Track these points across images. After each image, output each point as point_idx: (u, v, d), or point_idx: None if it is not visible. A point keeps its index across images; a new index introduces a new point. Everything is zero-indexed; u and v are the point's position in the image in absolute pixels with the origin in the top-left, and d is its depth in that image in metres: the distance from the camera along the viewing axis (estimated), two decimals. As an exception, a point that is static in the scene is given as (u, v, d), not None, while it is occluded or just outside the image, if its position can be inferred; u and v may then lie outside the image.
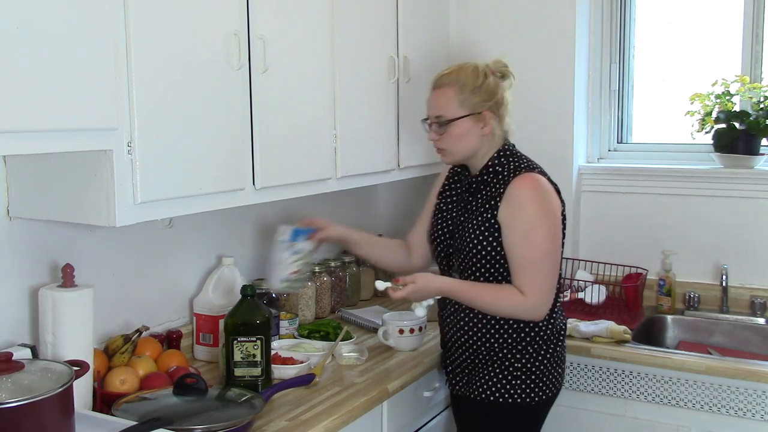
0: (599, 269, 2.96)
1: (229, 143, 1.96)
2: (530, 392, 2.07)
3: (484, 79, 2.07)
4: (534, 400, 2.07)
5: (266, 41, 2.03)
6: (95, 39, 1.58)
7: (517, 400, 2.06)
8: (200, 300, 2.35)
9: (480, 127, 2.07)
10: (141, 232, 2.17)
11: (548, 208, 2.02)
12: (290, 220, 2.79)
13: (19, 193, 1.83)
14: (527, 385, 2.07)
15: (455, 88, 2.06)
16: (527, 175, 2.03)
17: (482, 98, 2.06)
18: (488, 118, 2.06)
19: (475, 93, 2.06)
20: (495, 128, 2.08)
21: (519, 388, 2.06)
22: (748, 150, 2.79)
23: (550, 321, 2.10)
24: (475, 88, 2.06)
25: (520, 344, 2.06)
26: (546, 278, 2.02)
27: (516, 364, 2.06)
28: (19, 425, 1.40)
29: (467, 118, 2.06)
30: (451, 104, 2.06)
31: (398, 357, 2.32)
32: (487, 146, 2.10)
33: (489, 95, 2.07)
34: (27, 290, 1.90)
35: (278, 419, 1.85)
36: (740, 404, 2.30)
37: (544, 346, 2.08)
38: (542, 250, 1.99)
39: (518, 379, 2.06)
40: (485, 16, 3.06)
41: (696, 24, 3.07)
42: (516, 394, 2.06)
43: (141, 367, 1.96)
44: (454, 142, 2.09)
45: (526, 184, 2.02)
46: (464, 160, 2.14)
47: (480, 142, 2.08)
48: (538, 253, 1.99)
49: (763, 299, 2.77)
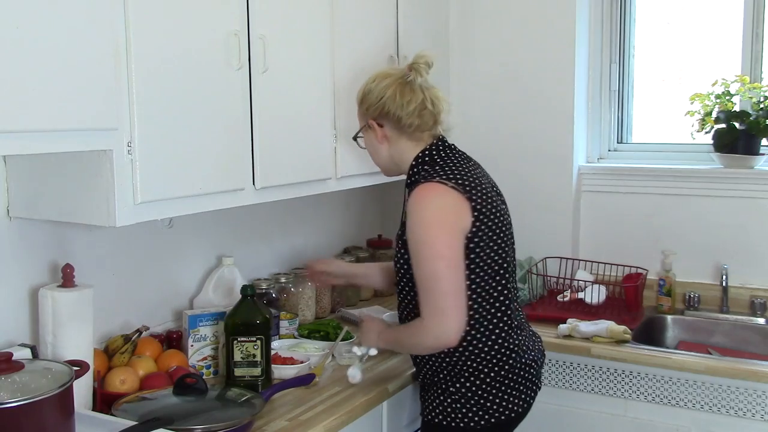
0: (599, 269, 2.96)
1: (229, 143, 1.96)
2: (473, 416, 1.91)
3: (371, 87, 1.98)
4: (479, 425, 1.91)
5: (266, 41, 2.03)
6: (95, 39, 1.58)
7: (459, 425, 1.91)
8: (200, 300, 2.35)
9: (374, 136, 2.00)
10: (141, 232, 2.17)
11: (437, 225, 1.82)
12: (291, 220, 2.80)
13: (19, 193, 1.83)
14: (468, 409, 1.91)
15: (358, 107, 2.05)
16: (421, 186, 1.88)
17: (366, 107, 1.99)
18: (374, 126, 1.98)
19: (361, 104, 2.01)
20: (391, 133, 1.97)
21: (460, 412, 1.91)
22: (748, 150, 2.79)
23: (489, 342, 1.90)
24: (361, 100, 2.01)
25: (456, 367, 1.92)
26: (439, 299, 1.81)
27: (451, 387, 1.93)
28: (19, 425, 1.40)
29: (362, 132, 2.05)
30: (358, 120, 2.07)
31: (398, 357, 2.31)
32: (399, 153, 1.99)
33: (373, 102, 1.96)
34: (27, 290, 1.90)
35: (278, 419, 1.85)
36: (740, 404, 2.30)
37: (485, 368, 1.91)
38: (429, 270, 1.81)
39: (457, 402, 1.92)
40: (485, 16, 3.06)
41: (696, 24, 3.07)
42: (458, 419, 1.92)
43: (141, 367, 1.96)
44: (371, 156, 2.08)
45: (416, 198, 1.86)
46: (392, 171, 2.06)
47: (385, 151, 2.01)
48: (426, 273, 1.82)
49: (763, 299, 2.77)
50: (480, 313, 1.90)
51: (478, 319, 1.90)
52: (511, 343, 1.93)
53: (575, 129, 2.98)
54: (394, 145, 1.99)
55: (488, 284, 1.89)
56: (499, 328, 1.92)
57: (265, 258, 2.69)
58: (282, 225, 2.77)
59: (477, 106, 3.10)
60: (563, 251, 3.00)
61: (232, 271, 2.39)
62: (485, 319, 1.90)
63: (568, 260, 2.97)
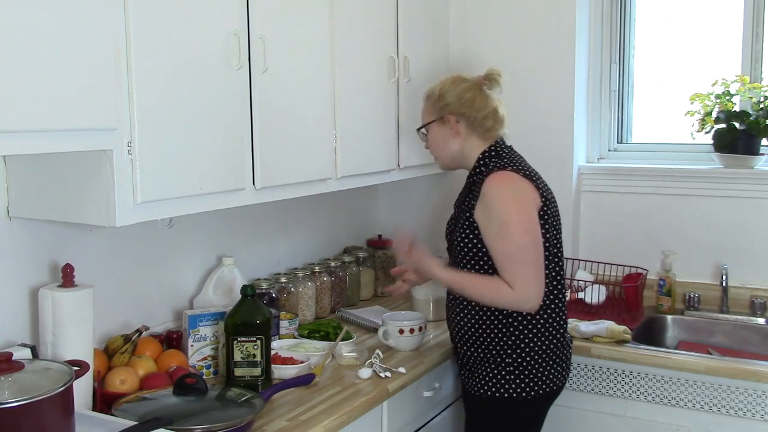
0: (599, 269, 2.96)
1: (229, 143, 1.96)
2: (525, 387, 2.10)
3: (451, 85, 2.20)
4: (530, 395, 2.10)
5: (266, 41, 2.03)
6: (95, 39, 1.58)
7: (512, 395, 2.10)
8: (200, 300, 2.35)
9: (448, 130, 2.19)
10: (141, 232, 2.17)
11: (519, 204, 2.06)
12: (291, 220, 2.80)
13: (19, 193, 1.83)
14: (521, 380, 2.10)
15: (427, 98, 2.26)
16: (498, 173, 2.10)
17: (446, 102, 2.19)
18: (452, 120, 2.18)
19: (440, 99, 2.20)
20: (464, 130, 2.18)
21: (514, 383, 2.10)
22: (748, 150, 2.79)
23: (545, 316, 2.12)
24: (440, 95, 2.20)
25: (510, 338, 2.10)
26: (529, 269, 2.04)
27: (507, 359, 2.11)
28: (19, 425, 1.40)
29: (434, 123, 2.23)
30: (426, 113, 2.27)
31: (398, 357, 2.32)
32: (469, 148, 2.19)
33: (453, 98, 2.18)
34: (27, 290, 1.90)
35: (278, 419, 1.85)
36: (740, 404, 2.30)
37: (538, 341, 2.11)
38: (517, 243, 2.03)
39: (511, 374, 2.10)
40: (485, 16, 3.06)
41: (696, 24, 3.07)
42: (511, 389, 2.10)
43: (141, 367, 1.96)
44: (434, 148, 2.27)
45: (495, 182, 2.08)
46: (452, 163, 2.26)
47: (456, 145, 2.20)
48: (514, 246, 2.03)
49: (763, 299, 2.77)
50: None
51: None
52: (562, 320, 2.17)
53: (575, 129, 2.98)
54: (465, 141, 2.19)
55: (551, 262, 2.13)
56: (555, 304, 2.15)
57: (265, 258, 2.69)
58: (282, 225, 2.77)
59: (477, 106, 3.09)
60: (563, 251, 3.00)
61: (232, 271, 2.39)
62: (545, 295, 2.10)
63: (568, 260, 2.97)
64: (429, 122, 2.24)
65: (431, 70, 2.85)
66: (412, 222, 3.18)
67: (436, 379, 2.36)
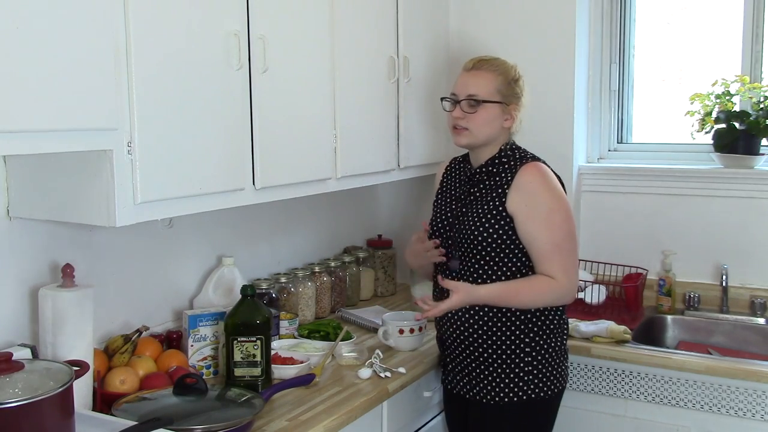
0: (599, 269, 2.96)
1: (229, 143, 1.96)
2: (543, 386, 2.10)
3: (520, 78, 2.19)
4: (547, 394, 2.10)
5: (266, 41, 2.03)
6: (95, 39, 1.58)
7: (531, 396, 2.08)
8: (200, 300, 2.35)
9: (504, 118, 2.15)
10: (141, 232, 2.17)
11: (560, 193, 2.10)
12: (291, 220, 2.80)
13: (19, 193, 1.83)
14: (539, 380, 2.09)
15: (495, 74, 2.15)
16: (534, 164, 2.11)
17: (514, 92, 2.16)
18: (513, 111, 2.16)
19: (510, 85, 2.16)
20: (512, 125, 2.17)
21: (532, 383, 2.08)
22: (748, 150, 2.79)
23: (557, 312, 2.13)
24: (511, 80, 2.16)
25: (528, 337, 2.09)
26: (572, 259, 2.09)
27: (526, 358, 2.08)
28: (19, 425, 1.40)
29: (498, 105, 2.14)
30: (489, 87, 2.14)
31: (398, 357, 2.32)
32: (501, 138, 2.18)
33: (519, 91, 2.18)
34: (27, 290, 1.90)
35: (278, 419, 1.85)
36: (740, 404, 2.30)
37: (553, 337, 2.12)
38: (565, 231, 2.06)
39: (530, 374, 2.08)
40: (485, 16, 3.06)
41: (696, 24, 3.07)
42: (530, 390, 2.08)
43: (141, 367, 1.96)
44: (480, 124, 2.14)
45: (534, 171, 2.08)
46: (479, 145, 2.17)
47: (499, 132, 2.16)
48: (562, 235, 2.05)
49: (763, 299, 2.77)
50: None
51: None
52: (566, 319, 2.18)
53: (575, 129, 2.98)
54: (504, 132, 2.17)
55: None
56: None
57: (265, 258, 2.69)
58: (282, 225, 2.77)
59: (477, 106, 3.09)
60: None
61: (232, 271, 2.39)
62: None
63: (568, 260, 2.97)
64: (495, 101, 2.13)
65: (431, 70, 2.85)
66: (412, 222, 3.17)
67: (436, 379, 2.36)
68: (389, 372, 2.16)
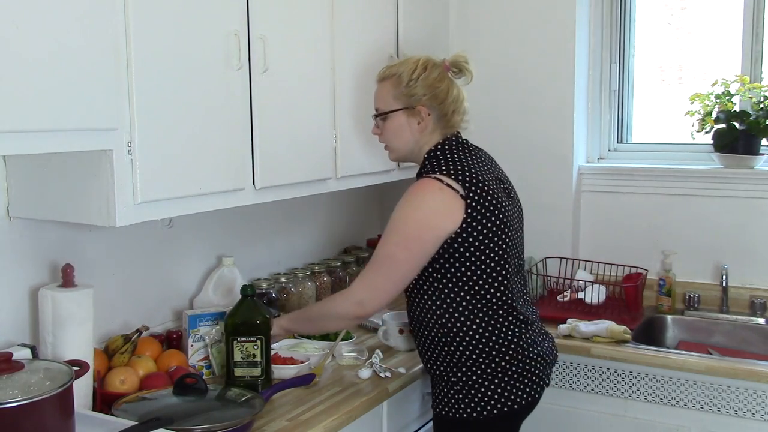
0: (599, 269, 2.96)
1: (229, 143, 1.96)
2: (475, 407, 1.93)
3: (423, 72, 2.00)
4: (482, 415, 1.92)
5: (266, 41, 2.03)
6: (95, 39, 1.58)
7: (463, 416, 1.93)
8: (200, 300, 2.35)
9: (416, 122, 2.01)
10: (141, 232, 2.17)
11: (415, 217, 1.89)
12: (291, 220, 2.80)
13: (19, 193, 1.83)
14: (470, 399, 1.93)
15: (391, 80, 2.03)
16: (422, 180, 1.94)
17: (418, 92, 1.99)
18: (423, 113, 2.00)
19: (410, 86, 2.00)
20: (431, 124, 2.01)
21: (463, 402, 1.94)
22: (748, 150, 2.79)
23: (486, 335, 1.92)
24: (410, 82, 2.00)
25: (455, 358, 1.94)
26: (378, 277, 1.92)
27: (452, 378, 1.95)
28: (19, 425, 1.40)
29: (400, 112, 2.01)
30: (387, 97, 2.04)
31: (398, 357, 2.32)
32: (425, 142, 2.02)
33: (426, 89, 1.99)
34: (27, 290, 1.90)
35: (278, 419, 1.85)
36: (740, 404, 2.30)
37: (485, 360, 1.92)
38: (386, 252, 1.91)
39: (459, 393, 1.94)
40: (485, 16, 3.06)
41: (696, 24, 3.08)
42: (461, 409, 1.94)
43: (141, 367, 1.96)
44: (391, 137, 2.06)
45: (415, 186, 1.93)
46: (407, 156, 2.08)
47: (417, 137, 2.02)
48: (382, 251, 1.92)
49: (763, 299, 2.77)
50: (476, 306, 1.93)
51: (473, 311, 1.93)
52: (513, 335, 1.95)
53: (575, 129, 2.98)
54: (426, 135, 2.02)
55: (482, 279, 1.91)
56: (498, 321, 1.94)
57: (265, 258, 2.69)
58: (282, 225, 2.77)
59: (477, 106, 3.05)
60: (563, 251, 3.00)
61: (232, 271, 2.39)
62: (482, 312, 1.93)
63: (568, 260, 2.97)
64: (395, 110, 2.02)
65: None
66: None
67: (436, 379, 2.36)
68: (389, 372, 2.16)
